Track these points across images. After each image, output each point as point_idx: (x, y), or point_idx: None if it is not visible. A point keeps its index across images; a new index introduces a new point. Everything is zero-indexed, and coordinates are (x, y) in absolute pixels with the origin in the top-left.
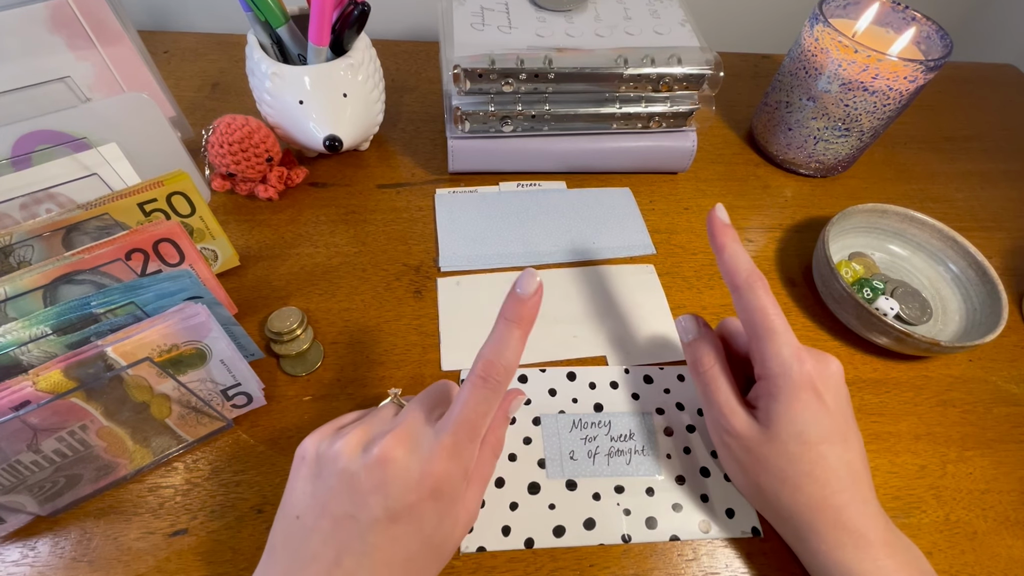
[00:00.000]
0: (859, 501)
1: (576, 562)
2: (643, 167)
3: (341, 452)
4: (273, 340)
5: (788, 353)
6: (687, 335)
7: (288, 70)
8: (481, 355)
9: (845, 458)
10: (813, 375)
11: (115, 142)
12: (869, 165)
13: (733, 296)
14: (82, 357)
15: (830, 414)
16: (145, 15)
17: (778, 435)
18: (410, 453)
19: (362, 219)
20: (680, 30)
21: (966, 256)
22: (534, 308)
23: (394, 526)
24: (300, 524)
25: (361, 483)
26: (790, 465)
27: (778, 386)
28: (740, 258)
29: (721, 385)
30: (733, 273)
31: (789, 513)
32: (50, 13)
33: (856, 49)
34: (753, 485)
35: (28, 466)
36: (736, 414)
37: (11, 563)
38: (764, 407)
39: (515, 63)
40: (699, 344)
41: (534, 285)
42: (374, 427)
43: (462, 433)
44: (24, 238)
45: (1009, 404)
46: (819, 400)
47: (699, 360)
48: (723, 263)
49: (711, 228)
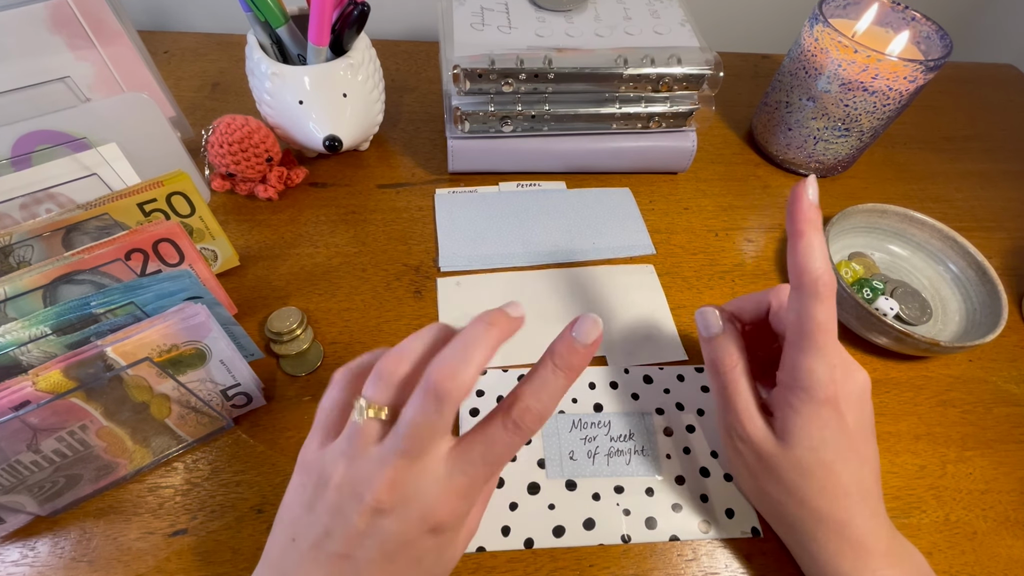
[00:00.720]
0: (866, 514)
1: (576, 562)
2: (643, 167)
3: (330, 488)
4: (273, 340)
5: (822, 371)
6: (708, 330)
7: (288, 70)
8: (519, 396)
9: (858, 475)
10: (839, 393)
11: (115, 142)
12: (869, 165)
13: (792, 293)
14: (82, 357)
15: (848, 433)
16: (145, 15)
17: (793, 448)
18: (410, 497)
19: (362, 219)
20: (680, 30)
21: (966, 256)
22: (587, 359)
23: (391, 565)
24: (295, 547)
25: (355, 526)
26: (801, 478)
27: (801, 400)
28: (816, 253)
29: (741, 389)
30: (802, 270)
31: (792, 521)
32: (50, 13)
33: (856, 49)
34: (759, 491)
35: (28, 466)
36: (753, 421)
37: (11, 563)
38: (782, 418)
39: (515, 63)
40: (721, 341)
41: (594, 335)
42: (370, 451)
43: (480, 477)
44: (24, 238)
45: (1009, 404)
46: (839, 419)
47: (720, 359)
48: (795, 254)
49: (793, 207)
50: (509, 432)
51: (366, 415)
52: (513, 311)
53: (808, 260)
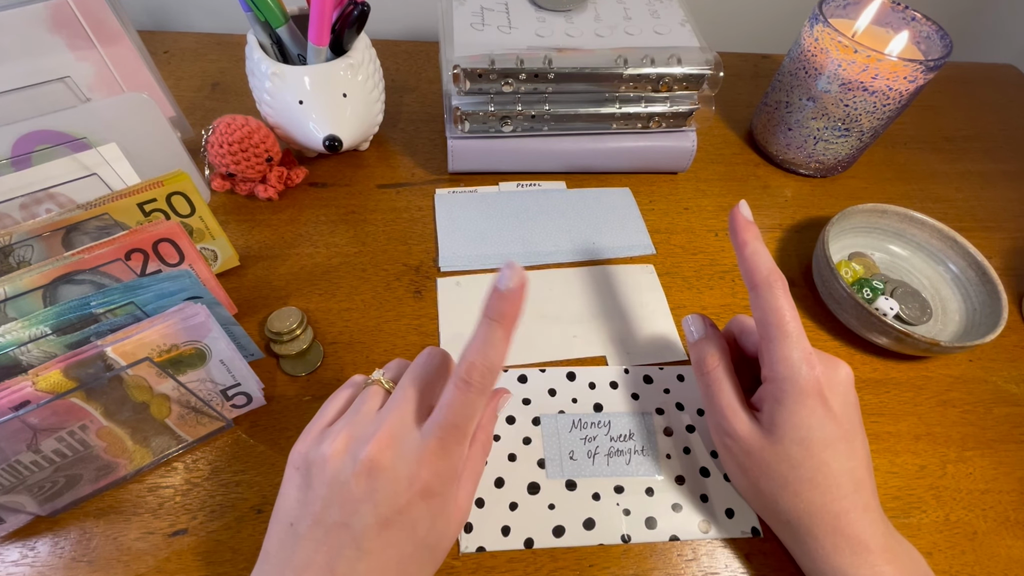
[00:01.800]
0: (860, 508)
1: (576, 562)
2: (643, 167)
3: (328, 459)
4: (273, 340)
5: (798, 357)
6: (693, 334)
7: (288, 70)
8: (464, 356)
9: (848, 465)
10: (821, 380)
11: (115, 142)
12: (869, 165)
13: (751, 295)
14: (82, 357)
15: (836, 420)
16: (145, 15)
17: (780, 440)
18: (397, 457)
19: (362, 219)
20: (680, 30)
21: (966, 256)
22: (517, 304)
23: (387, 531)
24: (293, 531)
25: (351, 491)
26: (791, 471)
27: (784, 390)
28: (761, 256)
29: (724, 386)
30: (753, 271)
31: (788, 517)
32: (50, 13)
33: (856, 49)
34: (753, 488)
35: (28, 466)
36: (738, 417)
37: (11, 563)
38: (768, 411)
39: (515, 63)
40: (704, 344)
41: (516, 279)
42: (359, 427)
43: (449, 437)
44: (24, 238)
45: (1009, 404)
46: (825, 406)
47: (703, 360)
48: (744, 260)
49: (733, 225)
50: (460, 390)
51: (380, 380)
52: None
53: (757, 261)
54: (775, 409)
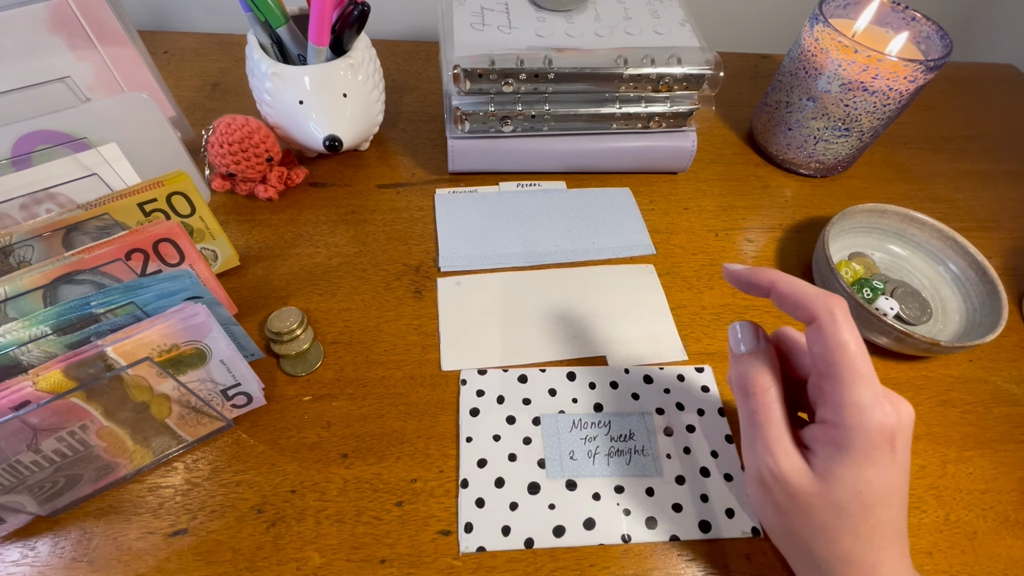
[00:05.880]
0: (896, 557)
1: (576, 562)
2: (643, 167)
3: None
4: (273, 340)
5: (869, 403)
6: (740, 346)
7: (288, 70)
8: None
9: (896, 515)
10: (895, 429)
11: (115, 142)
12: (869, 165)
13: (808, 330)
14: (82, 357)
15: (897, 470)
16: (145, 15)
17: (834, 490)
18: None
19: (362, 219)
20: (680, 30)
21: (966, 256)
22: None
23: None
24: None
25: None
26: (837, 520)
27: (850, 440)
28: (800, 285)
29: (774, 416)
30: (805, 304)
31: (818, 563)
32: (50, 13)
33: (856, 49)
34: (785, 530)
35: (28, 466)
36: (788, 457)
37: (11, 563)
38: (826, 456)
39: (515, 63)
40: (755, 360)
41: None
42: None
43: None
44: (24, 238)
45: (1009, 404)
46: (891, 456)
47: (752, 380)
48: (785, 298)
49: (741, 277)
50: None
51: None
52: None
53: (804, 292)
54: (835, 456)
